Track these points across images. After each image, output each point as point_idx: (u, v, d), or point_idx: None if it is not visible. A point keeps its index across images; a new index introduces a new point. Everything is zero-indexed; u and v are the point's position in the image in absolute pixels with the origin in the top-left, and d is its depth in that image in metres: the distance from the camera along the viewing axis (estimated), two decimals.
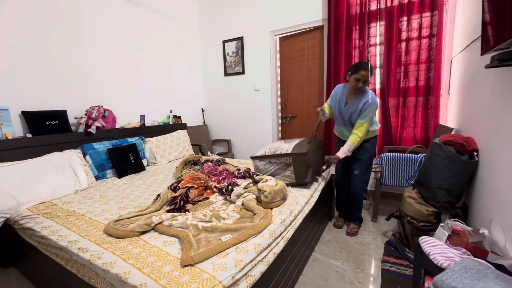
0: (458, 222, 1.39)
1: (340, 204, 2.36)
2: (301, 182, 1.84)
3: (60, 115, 2.27)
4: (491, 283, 0.80)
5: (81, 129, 2.38)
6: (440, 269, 1.01)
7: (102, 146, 2.38)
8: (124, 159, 2.44)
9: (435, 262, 1.07)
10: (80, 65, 2.51)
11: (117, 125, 2.78)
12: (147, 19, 3.18)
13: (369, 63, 1.90)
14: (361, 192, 2.12)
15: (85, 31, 2.54)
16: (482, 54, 1.20)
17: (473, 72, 1.73)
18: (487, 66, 0.99)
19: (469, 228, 1.28)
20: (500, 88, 1.29)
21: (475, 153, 1.62)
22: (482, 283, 0.80)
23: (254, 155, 2.01)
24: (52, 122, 2.20)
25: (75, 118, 2.41)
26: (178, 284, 0.88)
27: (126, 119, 2.94)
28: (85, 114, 2.44)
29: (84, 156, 2.26)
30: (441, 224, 1.42)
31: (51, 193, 1.85)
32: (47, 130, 2.15)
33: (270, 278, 1.22)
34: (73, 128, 2.41)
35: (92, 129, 2.37)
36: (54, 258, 1.29)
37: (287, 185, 1.80)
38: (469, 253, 1.08)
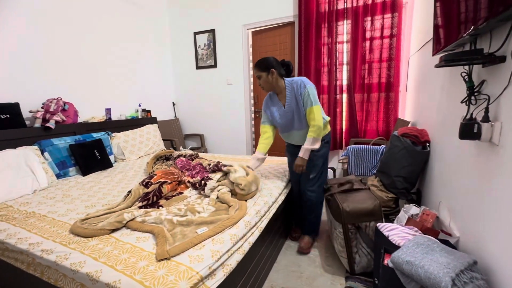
0: (413, 206, 1.56)
1: (297, 215, 2.06)
2: None
3: (12, 108, 2.05)
4: (437, 255, 0.92)
5: (38, 123, 2.18)
6: (397, 247, 1.13)
7: (63, 142, 2.21)
8: (88, 155, 2.29)
9: (393, 242, 1.20)
10: (35, 54, 2.27)
11: (80, 120, 2.59)
12: (111, 5, 2.97)
13: (265, 58, 1.65)
14: (318, 199, 1.81)
15: (41, 17, 2.30)
16: (433, 54, 1.34)
17: (426, 70, 1.91)
18: (436, 66, 1.11)
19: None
20: (446, 86, 1.45)
21: (427, 144, 1.81)
22: (430, 255, 0.92)
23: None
24: (2, 116, 1.98)
25: (30, 111, 2.20)
26: (154, 278, 0.88)
27: (89, 113, 2.74)
28: (42, 107, 2.24)
29: (42, 153, 2.08)
30: (403, 208, 1.58)
31: (5, 194, 1.69)
32: None
33: (246, 266, 1.26)
34: (27, 122, 2.19)
35: (51, 124, 2.19)
36: (13, 263, 1.20)
37: None
38: (420, 231, 1.22)
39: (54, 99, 2.29)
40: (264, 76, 1.66)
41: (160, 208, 1.45)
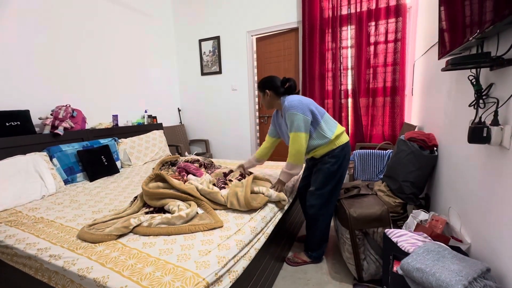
0: (422, 212, 1.53)
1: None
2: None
3: (22, 115, 2.10)
4: (449, 262, 0.90)
5: (47, 130, 2.23)
6: (406, 254, 1.11)
7: (71, 148, 2.24)
8: (95, 161, 2.32)
9: (402, 249, 1.17)
10: (44, 62, 2.34)
11: (87, 126, 2.64)
12: (119, 14, 3.05)
13: (263, 80, 1.72)
14: (316, 216, 1.65)
15: (50, 25, 2.37)
16: (439, 58, 1.33)
17: (432, 74, 1.90)
18: (443, 69, 1.10)
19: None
20: (453, 89, 1.44)
21: (435, 148, 1.79)
22: (441, 262, 0.90)
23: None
24: (13, 123, 2.02)
25: (40, 118, 2.25)
26: (160, 284, 0.88)
27: (97, 119, 2.79)
28: (51, 114, 2.28)
29: (51, 159, 2.11)
30: (411, 214, 1.55)
31: (14, 200, 1.71)
32: (7, 132, 1.98)
33: (252, 273, 1.25)
34: (37, 129, 2.24)
35: (60, 130, 2.23)
36: (22, 269, 1.21)
37: None
38: (429, 237, 1.19)
39: (63, 106, 2.34)
40: (262, 96, 1.75)
41: (166, 213, 1.45)
